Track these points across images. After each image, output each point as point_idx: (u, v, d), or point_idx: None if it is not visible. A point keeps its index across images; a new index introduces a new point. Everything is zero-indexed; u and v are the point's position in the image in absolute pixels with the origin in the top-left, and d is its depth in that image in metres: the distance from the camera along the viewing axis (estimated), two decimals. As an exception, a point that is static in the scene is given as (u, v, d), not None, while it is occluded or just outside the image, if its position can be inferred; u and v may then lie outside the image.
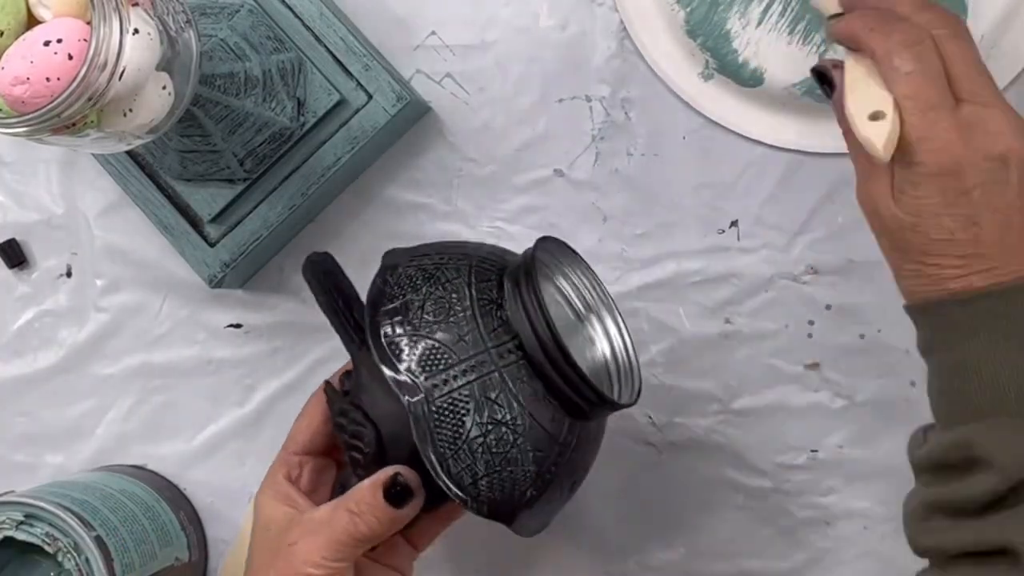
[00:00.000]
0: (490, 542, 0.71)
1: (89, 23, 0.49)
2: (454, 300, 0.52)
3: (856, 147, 0.51)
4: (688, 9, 0.67)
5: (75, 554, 0.62)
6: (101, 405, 0.73)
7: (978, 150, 0.48)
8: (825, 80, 0.54)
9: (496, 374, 0.51)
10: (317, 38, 0.67)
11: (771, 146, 0.69)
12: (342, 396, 0.55)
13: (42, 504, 0.63)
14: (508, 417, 0.50)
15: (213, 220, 0.68)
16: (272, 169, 0.67)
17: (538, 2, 0.70)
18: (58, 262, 0.74)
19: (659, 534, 0.70)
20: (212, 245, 0.68)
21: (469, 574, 0.72)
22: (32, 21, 0.51)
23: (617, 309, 0.59)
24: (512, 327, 0.52)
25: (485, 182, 0.70)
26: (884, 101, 0.50)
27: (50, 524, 0.63)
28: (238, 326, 0.73)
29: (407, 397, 0.50)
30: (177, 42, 0.54)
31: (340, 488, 0.57)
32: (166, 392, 0.73)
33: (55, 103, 0.48)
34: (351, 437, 0.54)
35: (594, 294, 0.59)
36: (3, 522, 0.63)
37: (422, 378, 0.50)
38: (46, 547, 0.62)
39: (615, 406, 0.54)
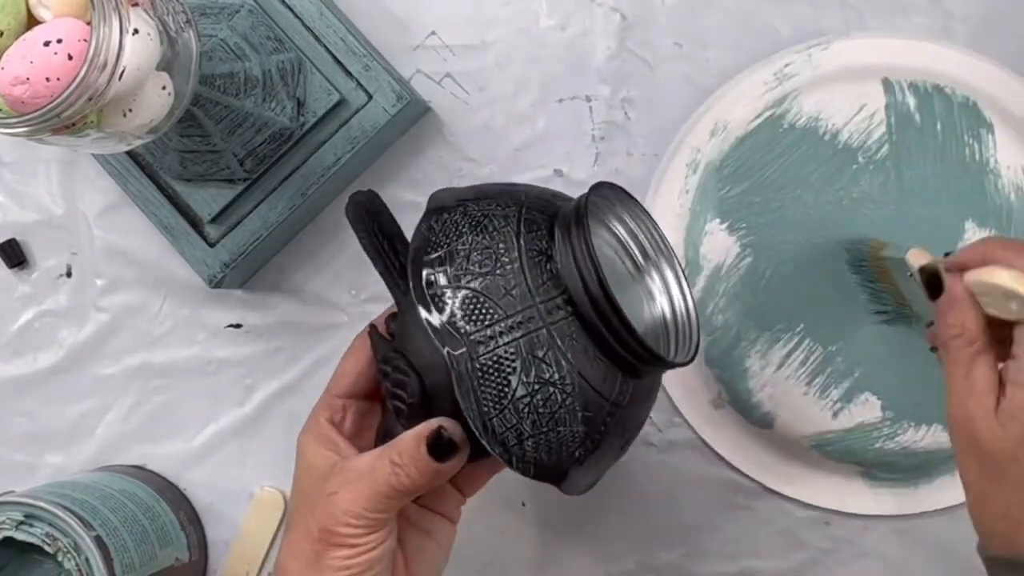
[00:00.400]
0: (490, 542, 0.71)
1: (89, 23, 0.49)
2: (501, 251, 0.49)
3: (961, 359, 0.49)
4: (711, 338, 0.66)
5: (75, 554, 0.62)
6: (101, 405, 0.73)
7: None
8: (933, 280, 0.52)
9: (544, 331, 0.48)
10: (317, 38, 0.67)
11: (768, 489, 0.69)
12: (387, 341, 0.53)
13: (42, 504, 0.63)
14: (556, 377, 0.48)
15: (213, 220, 0.68)
16: (272, 169, 0.67)
17: (538, 2, 0.70)
18: (58, 262, 0.74)
19: (659, 534, 0.70)
20: (212, 245, 0.68)
21: (468, 574, 0.72)
22: (32, 21, 0.51)
23: (678, 261, 0.56)
24: (561, 281, 0.48)
25: (485, 182, 0.70)
26: None
27: (50, 524, 0.63)
28: (238, 326, 0.73)
29: (448, 349, 0.47)
30: (177, 42, 0.54)
31: (384, 434, 0.54)
32: (166, 392, 0.73)
33: (55, 103, 0.48)
34: (394, 386, 0.51)
35: (654, 244, 0.55)
36: (3, 522, 0.63)
37: (465, 332, 0.48)
38: (46, 547, 0.62)
39: (670, 365, 0.51)
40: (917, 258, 0.54)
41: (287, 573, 0.51)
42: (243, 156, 0.66)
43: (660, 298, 0.55)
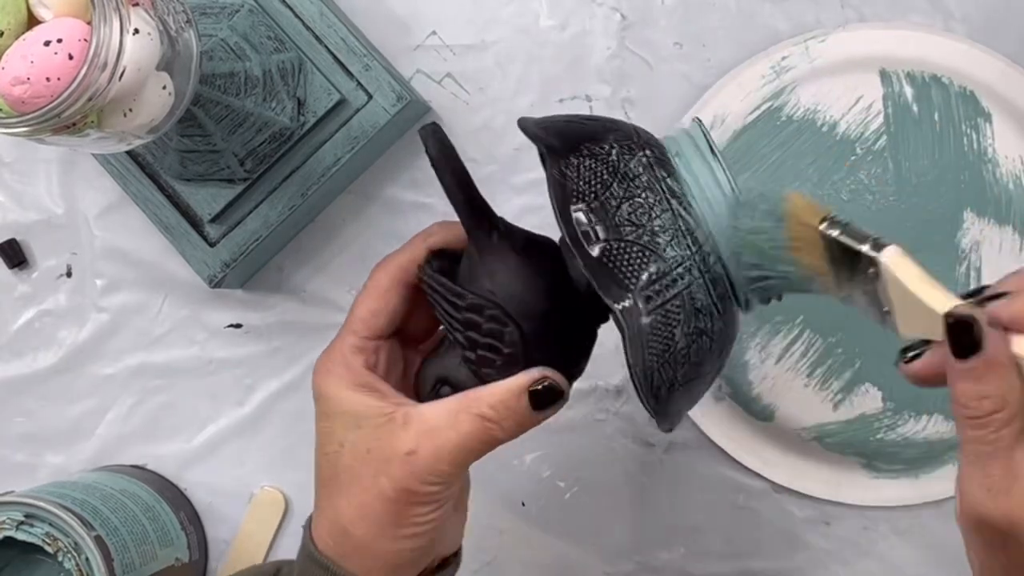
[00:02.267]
0: (490, 542, 0.71)
1: (89, 23, 0.49)
2: (651, 200, 0.46)
3: (999, 443, 0.40)
4: None
5: (75, 554, 0.62)
6: (101, 405, 0.73)
7: None
8: (963, 332, 0.40)
9: (702, 280, 0.46)
10: (317, 38, 0.67)
11: (769, 481, 0.69)
12: (461, 288, 0.50)
13: (42, 504, 0.63)
14: (709, 325, 0.46)
15: (213, 220, 0.68)
16: (272, 169, 0.67)
17: (538, 2, 0.70)
18: (58, 262, 0.74)
19: (659, 534, 0.70)
20: (212, 245, 0.68)
21: (468, 574, 0.72)
22: (32, 21, 0.51)
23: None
24: (705, 225, 0.47)
25: (485, 182, 0.70)
26: None
27: (50, 524, 0.63)
28: (238, 326, 0.73)
29: (619, 306, 0.45)
30: (177, 42, 0.54)
31: (439, 382, 0.51)
32: (166, 392, 0.73)
33: (55, 103, 0.48)
34: (486, 335, 0.49)
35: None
36: (3, 522, 0.63)
37: (635, 288, 0.45)
38: (46, 547, 0.62)
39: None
40: (929, 294, 0.42)
41: (355, 535, 0.48)
42: (243, 156, 0.66)
43: None
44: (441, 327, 0.52)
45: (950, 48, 0.66)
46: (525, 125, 0.49)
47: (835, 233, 0.43)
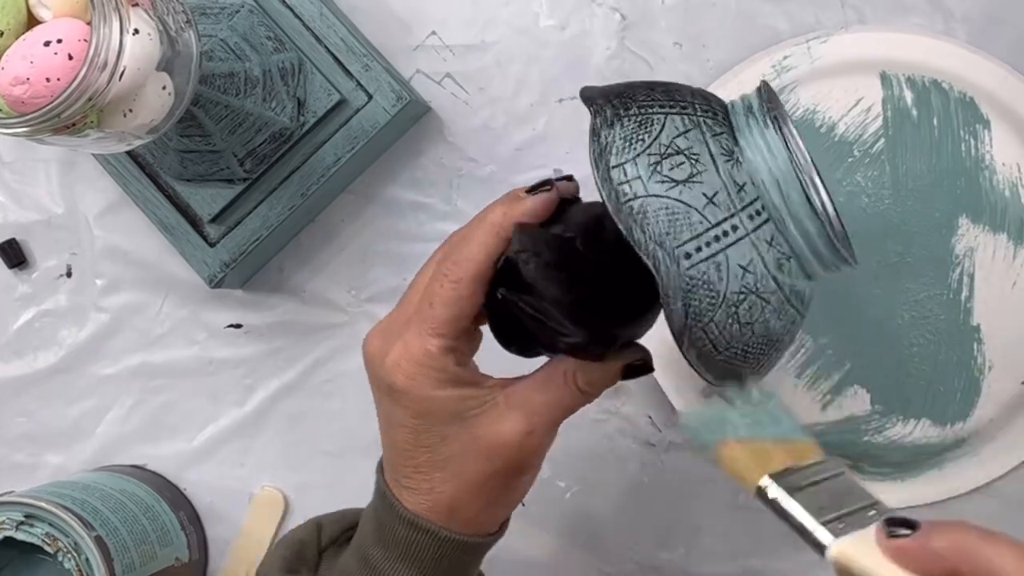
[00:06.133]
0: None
1: (89, 23, 0.49)
2: (694, 156, 0.46)
3: None
4: None
5: (75, 554, 0.62)
6: (101, 405, 0.73)
7: None
8: None
9: (747, 240, 0.45)
10: (317, 38, 0.67)
11: None
12: (548, 322, 0.48)
13: (42, 504, 0.63)
14: (760, 286, 0.45)
15: (213, 220, 0.68)
16: (272, 169, 0.67)
17: (538, 2, 0.70)
18: (58, 262, 0.74)
19: (659, 534, 0.70)
20: (212, 245, 0.68)
21: (469, 574, 0.72)
22: (32, 21, 0.51)
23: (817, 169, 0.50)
24: (756, 186, 0.46)
25: (485, 182, 0.70)
26: None
27: (50, 524, 0.63)
28: (238, 326, 0.73)
29: (660, 273, 0.44)
30: (177, 42, 0.54)
31: (511, 325, 0.49)
32: (166, 392, 0.73)
33: (55, 103, 0.48)
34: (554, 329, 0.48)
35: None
36: (3, 522, 0.63)
37: (671, 244, 0.45)
38: (46, 547, 0.62)
39: (847, 263, 0.47)
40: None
41: (466, 512, 0.50)
42: (243, 156, 0.66)
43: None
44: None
45: (951, 53, 0.66)
46: (584, 91, 0.49)
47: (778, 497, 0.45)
